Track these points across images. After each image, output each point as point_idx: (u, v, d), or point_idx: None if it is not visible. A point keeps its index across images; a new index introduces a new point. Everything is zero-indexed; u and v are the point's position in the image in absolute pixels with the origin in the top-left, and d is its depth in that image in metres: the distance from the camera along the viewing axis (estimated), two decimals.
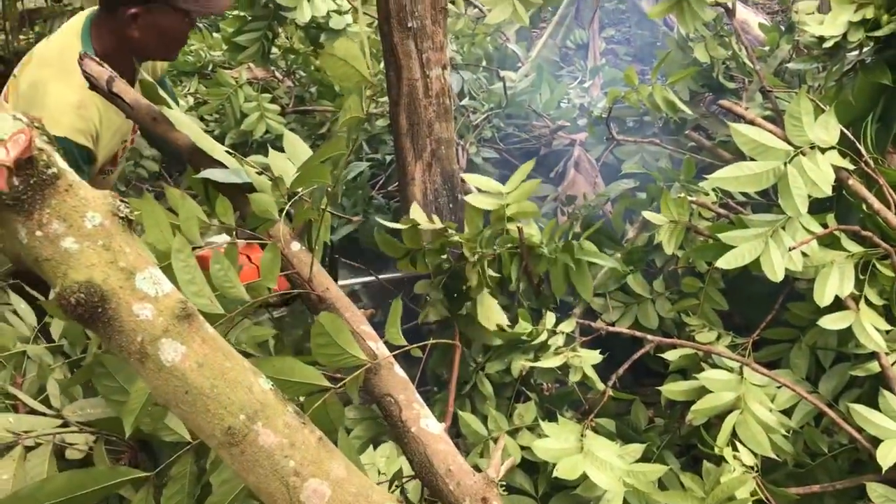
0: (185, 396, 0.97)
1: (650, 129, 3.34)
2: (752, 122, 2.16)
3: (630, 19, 6.88)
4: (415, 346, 1.64)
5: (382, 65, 4.43)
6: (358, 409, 2.31)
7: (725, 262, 2.02)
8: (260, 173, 1.58)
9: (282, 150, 4.15)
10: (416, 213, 2.40)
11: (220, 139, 4.00)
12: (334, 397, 1.38)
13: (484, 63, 4.01)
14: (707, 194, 2.66)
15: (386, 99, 3.88)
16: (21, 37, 4.74)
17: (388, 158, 3.34)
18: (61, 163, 0.92)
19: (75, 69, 1.96)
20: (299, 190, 1.55)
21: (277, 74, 4.22)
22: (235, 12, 4.16)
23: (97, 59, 1.55)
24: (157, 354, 0.94)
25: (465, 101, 3.64)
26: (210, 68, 4.31)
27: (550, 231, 2.50)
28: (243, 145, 4.04)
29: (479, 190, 2.60)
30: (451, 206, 3.12)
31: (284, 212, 1.53)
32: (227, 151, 1.58)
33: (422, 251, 2.46)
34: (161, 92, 1.92)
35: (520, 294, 2.55)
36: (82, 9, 6.14)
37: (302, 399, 1.37)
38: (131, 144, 2.40)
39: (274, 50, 4.14)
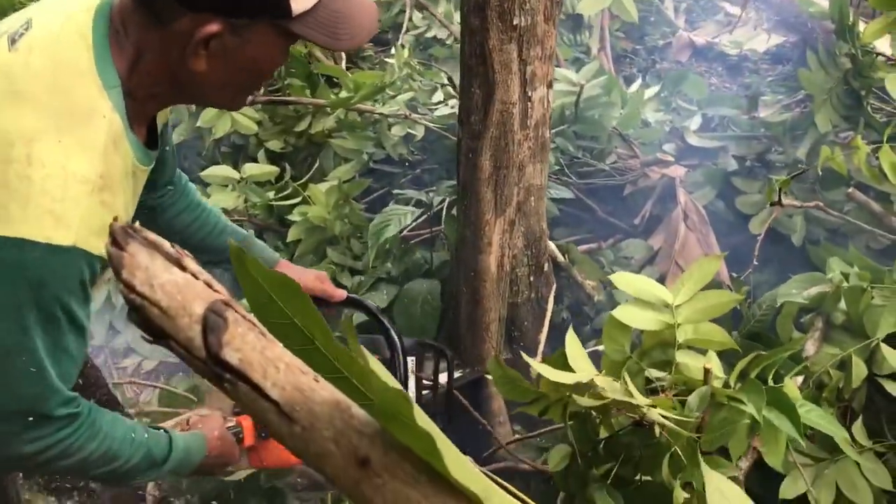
0: None
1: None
2: None
3: None
4: None
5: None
6: None
7: None
8: None
9: (252, 157, 3.09)
10: (576, 353, 1.49)
11: None
12: None
13: None
14: None
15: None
16: None
17: (436, 197, 2.36)
18: None
19: (90, 110, 1.09)
20: None
21: None
22: None
23: (148, 236, 0.53)
24: None
25: None
26: None
27: (742, 367, 1.65)
28: (196, 144, 2.95)
29: (628, 297, 1.70)
30: (531, 279, 2.21)
31: None
32: None
33: (562, 401, 1.56)
34: None
35: None
36: None
37: None
38: None
39: None
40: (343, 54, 3.61)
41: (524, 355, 1.51)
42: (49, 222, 1.05)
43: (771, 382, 1.67)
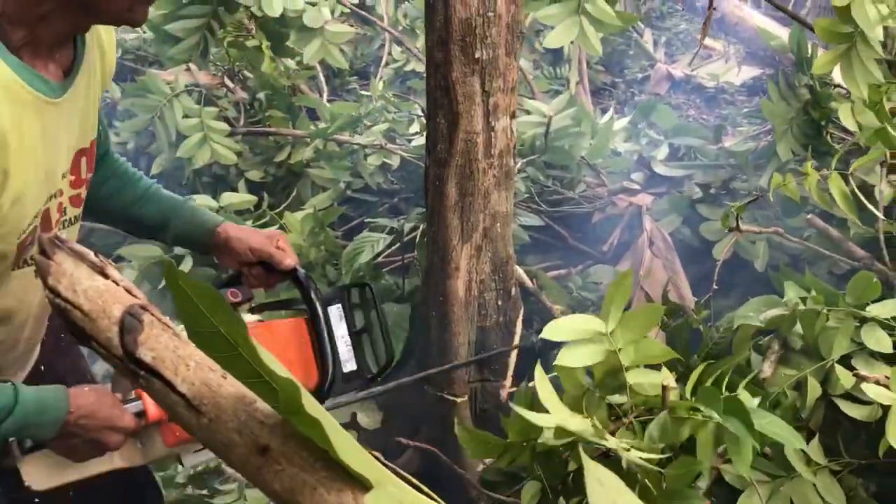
0: None
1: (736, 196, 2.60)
2: None
3: None
4: None
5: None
6: None
7: None
8: None
9: (232, 187, 3.13)
10: (547, 394, 1.52)
11: (148, 167, 2.96)
12: None
13: None
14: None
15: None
16: None
17: (407, 224, 2.43)
18: None
19: None
20: None
21: (228, 82, 3.19)
22: None
23: (73, 247, 0.59)
24: None
25: None
26: (135, 63, 3.23)
27: (696, 378, 1.70)
28: (177, 174, 3.02)
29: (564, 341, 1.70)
30: (499, 303, 2.27)
31: None
32: None
33: (530, 445, 1.60)
34: None
35: None
36: None
37: None
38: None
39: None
40: (325, 86, 3.70)
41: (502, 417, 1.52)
42: None
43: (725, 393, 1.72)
